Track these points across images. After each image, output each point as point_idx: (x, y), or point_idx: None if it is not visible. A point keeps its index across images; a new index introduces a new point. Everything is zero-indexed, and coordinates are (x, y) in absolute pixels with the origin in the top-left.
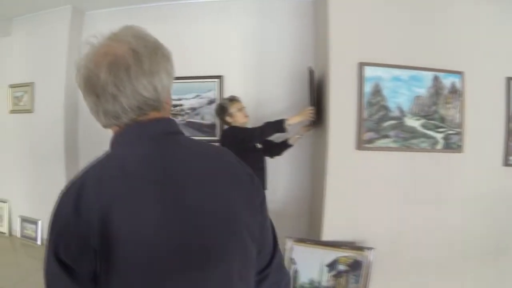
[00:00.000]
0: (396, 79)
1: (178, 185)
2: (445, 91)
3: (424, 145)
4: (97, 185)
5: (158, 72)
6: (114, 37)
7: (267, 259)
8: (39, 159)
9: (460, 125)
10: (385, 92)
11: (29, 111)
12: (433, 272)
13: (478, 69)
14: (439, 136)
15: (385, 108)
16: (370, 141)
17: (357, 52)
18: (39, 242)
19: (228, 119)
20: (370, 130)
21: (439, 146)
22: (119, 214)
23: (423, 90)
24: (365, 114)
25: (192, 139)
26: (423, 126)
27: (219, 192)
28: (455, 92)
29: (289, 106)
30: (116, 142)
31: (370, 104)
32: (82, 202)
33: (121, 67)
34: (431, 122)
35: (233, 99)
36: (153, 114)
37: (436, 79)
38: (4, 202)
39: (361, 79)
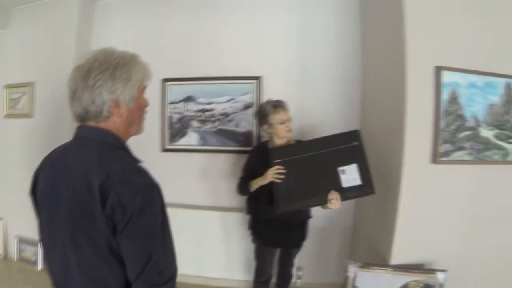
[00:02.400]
0: (472, 85)
1: (58, 172)
2: None
3: (496, 157)
4: (47, 156)
5: (99, 88)
6: (91, 55)
7: (131, 276)
8: None
9: None
10: (461, 100)
11: (27, 115)
12: None
13: None
14: (510, 147)
15: (461, 117)
16: (446, 154)
17: (434, 55)
18: (39, 267)
19: (266, 128)
20: (446, 142)
21: (510, 158)
22: (40, 176)
23: (496, 98)
24: (442, 124)
25: (90, 144)
26: (496, 136)
27: (68, 187)
28: None
29: (335, 112)
30: None
31: (447, 113)
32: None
33: (74, 81)
34: (504, 132)
35: (278, 106)
36: (90, 123)
37: (508, 86)
38: None
39: (438, 85)
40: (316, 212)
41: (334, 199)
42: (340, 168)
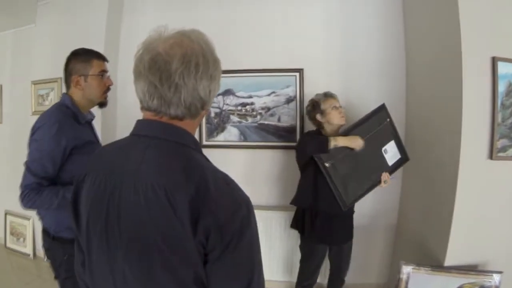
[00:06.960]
0: None
1: (118, 178)
2: None
3: None
4: (94, 157)
5: (215, 79)
6: (186, 35)
7: None
8: None
9: None
10: None
11: None
12: None
13: None
14: None
15: None
16: (504, 149)
17: (489, 45)
18: None
19: (319, 117)
20: (503, 136)
21: None
22: (87, 182)
23: None
24: (499, 118)
25: (166, 146)
26: None
27: (137, 200)
28: None
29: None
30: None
31: (504, 107)
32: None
33: (192, 63)
34: None
35: (328, 94)
36: (174, 121)
37: None
38: (27, 219)
39: (494, 76)
40: (358, 209)
41: (386, 179)
42: (383, 149)
